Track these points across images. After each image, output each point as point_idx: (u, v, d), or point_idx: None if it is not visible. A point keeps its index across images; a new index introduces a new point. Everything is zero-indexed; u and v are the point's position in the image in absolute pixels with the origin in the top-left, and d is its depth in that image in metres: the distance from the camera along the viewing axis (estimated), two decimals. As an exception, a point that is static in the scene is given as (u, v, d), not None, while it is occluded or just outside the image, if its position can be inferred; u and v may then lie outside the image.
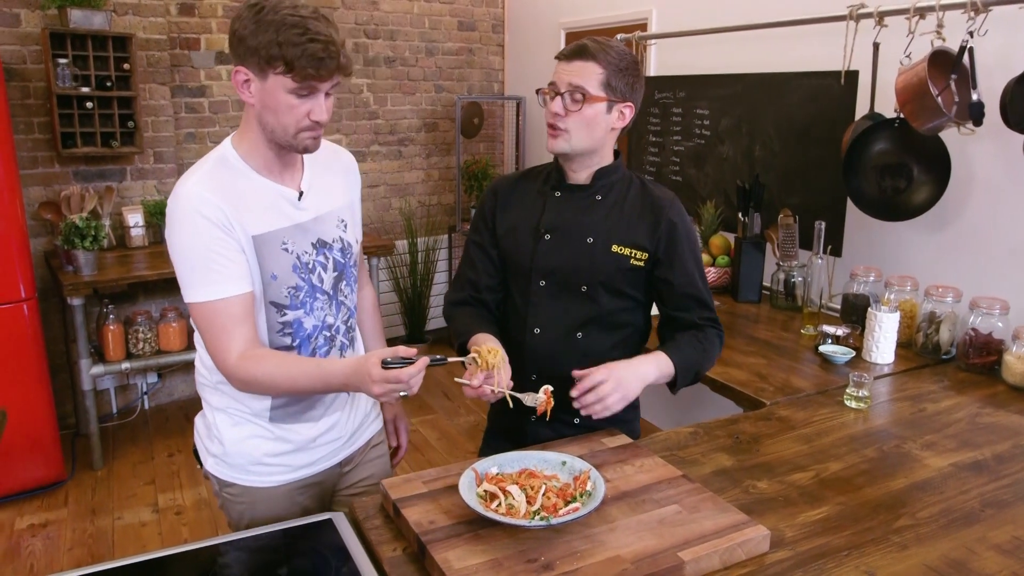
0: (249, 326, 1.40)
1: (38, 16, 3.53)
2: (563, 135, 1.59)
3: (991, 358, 2.15)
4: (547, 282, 1.65)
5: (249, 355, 1.38)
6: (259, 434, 1.52)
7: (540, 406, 1.48)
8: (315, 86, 1.32)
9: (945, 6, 2.23)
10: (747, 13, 3.11)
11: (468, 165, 4.92)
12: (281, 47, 1.27)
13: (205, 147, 4.19)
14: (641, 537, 1.24)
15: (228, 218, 1.36)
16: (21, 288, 3.10)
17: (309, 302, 1.49)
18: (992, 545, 1.32)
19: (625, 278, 1.64)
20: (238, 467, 1.53)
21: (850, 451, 1.67)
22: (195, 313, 1.39)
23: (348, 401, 1.63)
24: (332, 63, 1.31)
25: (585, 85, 1.56)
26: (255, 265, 1.41)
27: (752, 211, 2.87)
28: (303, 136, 1.37)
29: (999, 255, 2.37)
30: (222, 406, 1.53)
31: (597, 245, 1.62)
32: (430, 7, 4.78)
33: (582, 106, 1.56)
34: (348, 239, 1.57)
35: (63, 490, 3.32)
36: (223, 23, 4.13)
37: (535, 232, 1.65)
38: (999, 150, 2.32)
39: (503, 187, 1.75)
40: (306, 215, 1.48)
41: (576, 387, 1.49)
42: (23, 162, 3.55)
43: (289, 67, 1.28)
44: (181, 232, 1.36)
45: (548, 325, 1.66)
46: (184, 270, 1.38)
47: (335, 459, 1.63)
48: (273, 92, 1.33)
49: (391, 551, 1.26)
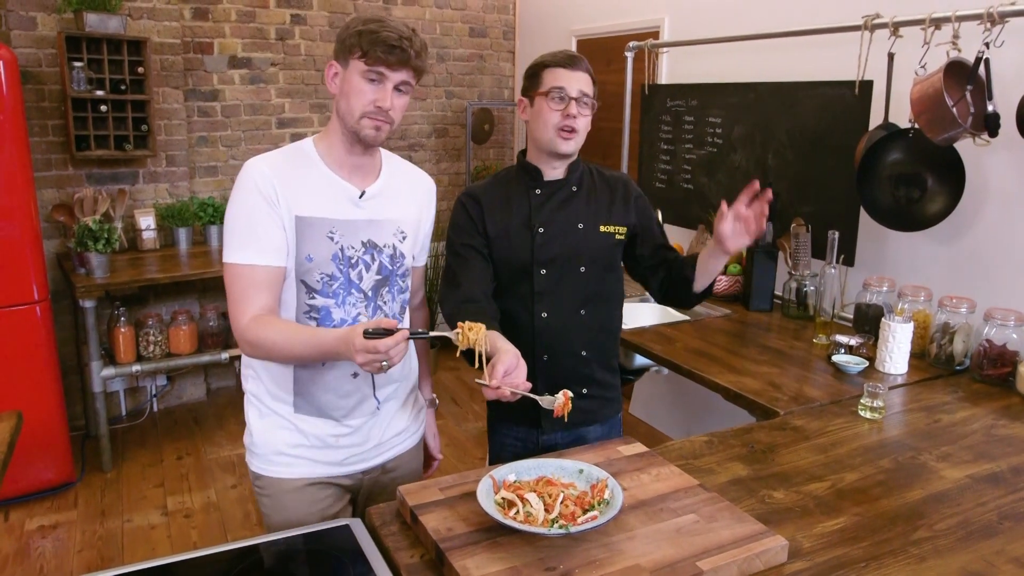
0: (269, 296, 1.48)
1: (54, 19, 3.56)
2: (575, 137, 1.75)
3: (1006, 369, 2.15)
4: (548, 270, 1.79)
5: (258, 318, 1.45)
6: (282, 424, 1.59)
7: (558, 408, 1.48)
8: (384, 73, 1.44)
9: (961, 17, 2.23)
10: (760, 22, 3.11)
11: (478, 171, 4.93)
12: (360, 36, 1.43)
13: (217, 151, 4.21)
14: (659, 546, 1.24)
15: (277, 193, 1.46)
16: (34, 290, 3.12)
17: (342, 294, 1.54)
18: (1011, 558, 1.32)
19: (612, 253, 1.84)
20: (263, 457, 1.60)
21: (865, 462, 1.67)
22: (226, 274, 1.49)
23: (375, 409, 1.65)
24: (402, 54, 1.43)
25: (589, 93, 1.75)
26: (292, 242, 1.49)
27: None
28: (366, 123, 1.47)
29: (1014, 266, 2.37)
30: (255, 392, 1.61)
31: (587, 229, 1.80)
32: (442, 13, 4.80)
33: (589, 112, 1.76)
34: (402, 250, 1.62)
35: (73, 492, 3.33)
36: (236, 28, 4.15)
37: (529, 229, 1.79)
38: (1014, 161, 2.32)
39: (482, 194, 1.84)
40: (362, 214, 1.55)
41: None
42: (37, 164, 3.57)
43: (363, 52, 1.43)
44: (234, 199, 1.48)
45: (554, 308, 1.80)
46: (228, 232, 1.49)
47: (360, 465, 1.65)
48: (349, 77, 1.46)
49: (409, 558, 1.26)
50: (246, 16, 4.17)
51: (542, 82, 1.75)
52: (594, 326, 1.84)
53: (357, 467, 1.65)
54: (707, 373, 2.21)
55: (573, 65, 1.73)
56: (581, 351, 1.83)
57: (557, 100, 1.72)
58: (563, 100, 1.72)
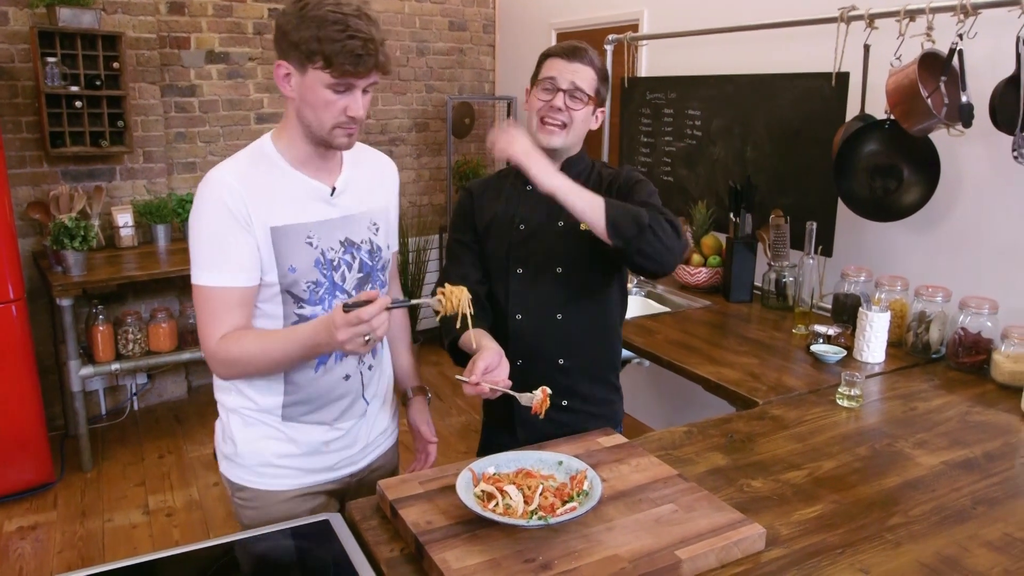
0: (241, 316, 1.42)
1: (26, 14, 3.51)
2: (560, 131, 1.66)
3: (980, 357, 2.18)
4: (524, 269, 1.72)
5: (228, 336, 1.40)
6: (270, 435, 1.53)
7: (535, 405, 1.48)
8: (352, 83, 1.35)
9: (935, 9, 2.25)
10: (738, 14, 3.12)
11: (459, 165, 4.92)
12: (321, 43, 1.29)
13: (195, 146, 4.17)
14: (638, 536, 1.25)
15: (247, 209, 1.38)
16: (10, 289, 3.08)
17: (328, 299, 1.49)
18: (984, 542, 1.34)
19: (594, 252, 1.63)
20: (248, 468, 1.54)
21: (843, 450, 1.68)
22: (195, 295, 1.42)
23: (364, 410, 1.62)
24: (370, 60, 1.33)
25: (584, 87, 1.64)
26: (270, 257, 1.41)
27: (743, 211, 2.88)
28: (338, 132, 1.39)
29: (988, 255, 2.40)
30: (235, 406, 1.53)
31: (567, 227, 1.68)
32: (421, 7, 4.78)
33: (582, 106, 1.65)
34: (378, 243, 1.58)
35: (52, 492, 3.30)
36: (213, 22, 4.11)
37: (510, 224, 1.73)
38: (988, 151, 2.34)
39: (478, 187, 1.81)
40: (336, 212, 1.49)
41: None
42: (11, 162, 3.52)
43: (328, 63, 1.31)
44: (200, 215, 1.40)
45: (529, 310, 1.72)
46: (194, 250, 1.41)
47: (348, 469, 1.61)
48: (312, 87, 1.35)
49: (389, 552, 1.26)
50: (223, 10, 4.13)
51: (540, 70, 1.69)
52: (575, 332, 1.72)
53: (346, 471, 1.61)
54: (687, 364, 2.22)
55: (573, 56, 1.65)
56: (558, 359, 1.73)
57: (544, 90, 1.65)
58: (550, 91, 1.64)
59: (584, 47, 1.67)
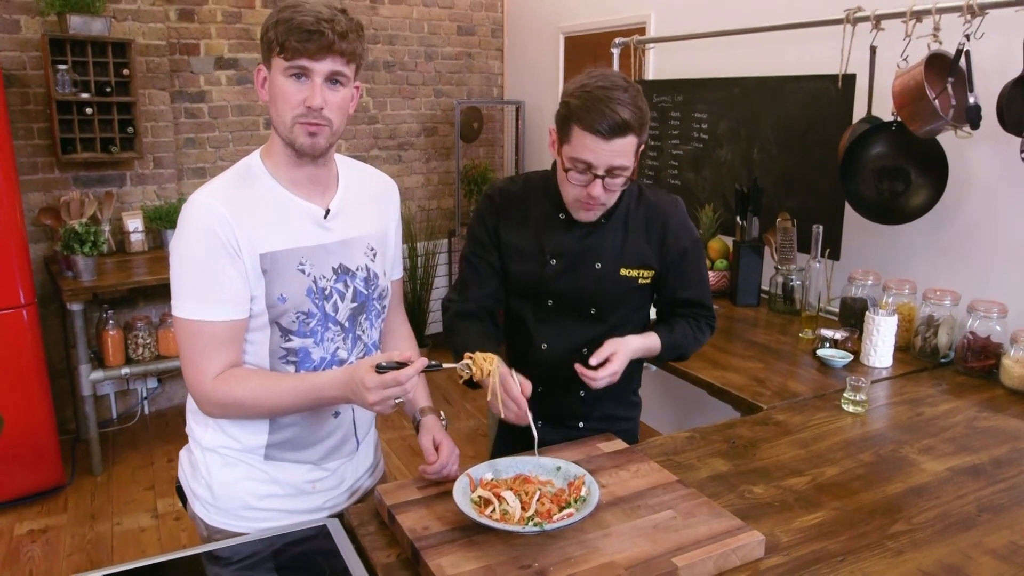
0: (232, 351, 1.33)
1: (38, 22, 3.54)
2: (600, 208, 1.54)
3: (989, 361, 2.15)
4: (555, 302, 1.64)
5: (227, 375, 1.31)
6: (251, 475, 1.42)
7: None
8: (306, 66, 1.25)
9: (942, 9, 2.23)
10: (745, 17, 3.11)
11: (467, 169, 4.92)
12: (276, 26, 1.24)
13: (205, 152, 4.20)
14: (635, 543, 1.24)
15: (236, 237, 1.28)
16: (21, 294, 3.11)
17: (320, 331, 1.38)
18: (988, 550, 1.32)
19: (632, 296, 1.65)
20: (227, 511, 1.43)
21: (847, 456, 1.67)
22: (179, 328, 1.32)
23: (355, 449, 1.53)
24: (321, 38, 1.22)
25: (626, 162, 1.45)
26: (259, 285, 1.32)
27: (750, 215, 2.87)
28: (299, 130, 1.28)
29: (997, 258, 2.37)
30: (214, 445, 1.42)
31: (605, 270, 1.60)
32: (429, 12, 4.79)
33: (623, 178, 1.47)
34: (375, 269, 1.46)
35: (62, 495, 3.32)
36: (222, 29, 4.14)
37: (541, 255, 1.61)
38: (996, 153, 2.32)
39: (502, 200, 1.65)
40: (331, 236, 1.39)
41: (596, 354, 1.52)
42: (23, 168, 3.56)
43: (281, 46, 1.24)
44: (185, 241, 1.29)
45: (556, 342, 1.66)
46: (178, 280, 1.31)
47: (333, 510, 1.50)
48: (274, 79, 1.28)
49: (385, 557, 1.26)
50: (232, 17, 4.16)
51: (570, 138, 1.45)
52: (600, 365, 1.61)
53: (329, 511, 1.50)
54: (692, 369, 2.21)
55: (613, 134, 1.39)
56: (579, 391, 1.67)
57: (579, 173, 1.46)
58: (585, 174, 1.45)
59: (628, 119, 1.39)
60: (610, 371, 1.52)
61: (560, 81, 4.50)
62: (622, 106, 1.39)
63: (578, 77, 1.47)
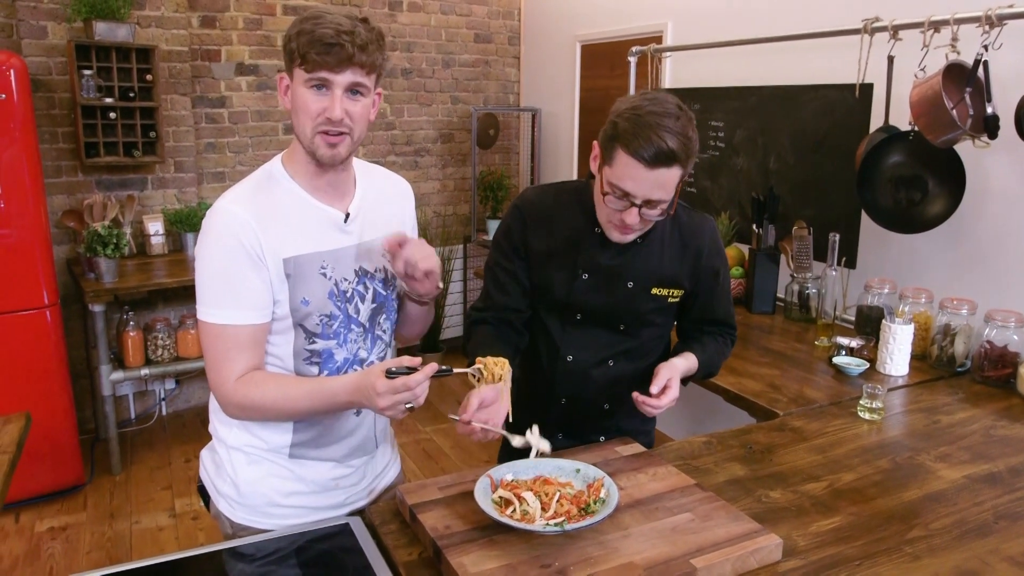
0: (254, 355, 1.36)
1: (64, 28, 3.61)
2: (632, 234, 1.53)
3: (1006, 371, 2.15)
4: (583, 316, 1.65)
5: (247, 379, 1.34)
6: (276, 473, 1.46)
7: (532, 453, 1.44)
8: (326, 78, 1.26)
9: (960, 20, 2.24)
10: (762, 26, 3.13)
11: (484, 176, 4.95)
12: (298, 37, 1.26)
13: (225, 157, 4.25)
14: (654, 544, 1.26)
15: (260, 243, 1.31)
16: (44, 294, 3.16)
17: (343, 333, 1.42)
18: (1005, 557, 1.32)
19: (660, 313, 1.67)
20: (253, 508, 1.46)
21: (863, 462, 1.67)
22: (203, 331, 1.36)
23: (375, 447, 1.57)
24: (341, 51, 1.24)
25: (664, 195, 1.42)
26: (283, 290, 1.35)
27: (766, 223, 2.88)
28: (319, 140, 1.30)
29: (1014, 267, 2.37)
30: (239, 444, 1.45)
31: (636, 289, 1.61)
32: (447, 19, 4.83)
33: (662, 209, 1.45)
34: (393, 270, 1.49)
35: (82, 494, 3.37)
36: (243, 35, 4.20)
37: (572, 269, 1.61)
38: (1014, 162, 2.32)
39: (531, 212, 1.63)
40: (351, 239, 1.42)
41: (654, 383, 1.54)
42: (47, 171, 3.62)
43: (302, 57, 1.26)
44: (209, 247, 1.32)
45: (581, 354, 1.67)
46: (203, 285, 1.34)
47: (355, 506, 1.55)
48: (295, 89, 1.30)
49: (407, 555, 1.28)
50: (253, 23, 4.21)
51: (612, 161, 1.42)
52: (624, 379, 1.67)
53: (354, 507, 1.55)
54: (708, 375, 2.22)
55: (656, 163, 1.36)
56: (604, 403, 1.71)
57: (617, 198, 1.43)
58: (623, 201, 1.43)
59: (675, 149, 1.35)
60: (671, 397, 1.54)
61: (577, 89, 4.53)
62: (670, 134, 1.35)
63: (631, 96, 1.45)
